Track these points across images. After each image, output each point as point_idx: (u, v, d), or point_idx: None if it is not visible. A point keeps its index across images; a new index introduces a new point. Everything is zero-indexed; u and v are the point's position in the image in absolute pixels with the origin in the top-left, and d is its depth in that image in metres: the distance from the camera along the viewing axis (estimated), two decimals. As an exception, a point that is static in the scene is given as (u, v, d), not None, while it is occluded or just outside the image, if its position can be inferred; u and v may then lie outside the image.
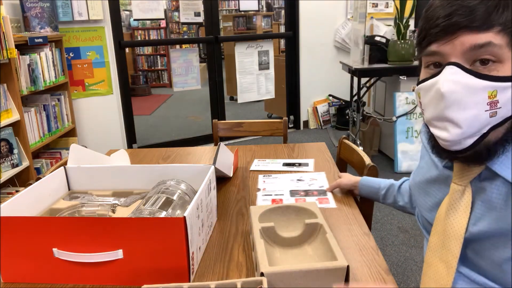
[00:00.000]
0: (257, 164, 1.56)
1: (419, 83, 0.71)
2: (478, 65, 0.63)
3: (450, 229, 0.73)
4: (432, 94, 0.66)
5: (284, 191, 1.31)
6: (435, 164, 0.81)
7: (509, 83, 0.62)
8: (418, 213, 0.90)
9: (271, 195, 1.29)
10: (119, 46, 3.59)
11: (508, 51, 0.62)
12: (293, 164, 1.54)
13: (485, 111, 0.62)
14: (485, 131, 0.63)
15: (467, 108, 0.62)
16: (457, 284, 0.74)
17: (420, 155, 0.92)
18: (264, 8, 8.87)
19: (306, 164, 1.53)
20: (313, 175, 1.43)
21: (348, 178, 1.27)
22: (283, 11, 7.44)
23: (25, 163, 2.52)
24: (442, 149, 0.68)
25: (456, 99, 0.62)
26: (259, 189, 1.33)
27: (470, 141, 0.64)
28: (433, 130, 0.68)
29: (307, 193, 1.29)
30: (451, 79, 0.63)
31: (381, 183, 1.19)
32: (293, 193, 1.29)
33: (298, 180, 1.39)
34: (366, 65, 3.34)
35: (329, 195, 1.27)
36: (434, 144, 0.71)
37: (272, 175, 1.45)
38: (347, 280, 0.79)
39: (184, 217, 0.82)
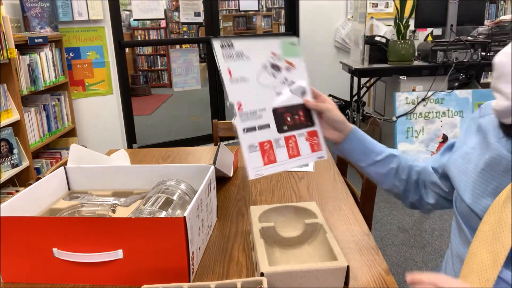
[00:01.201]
0: None
1: None
2: None
3: (506, 218, 0.67)
4: (493, 67, 0.67)
5: (267, 110, 0.91)
6: (498, 148, 0.74)
7: None
8: (457, 199, 0.83)
9: (254, 128, 0.91)
10: (119, 46, 3.59)
11: None
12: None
13: None
14: None
15: None
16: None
17: (462, 140, 0.85)
18: (264, 8, 8.88)
19: (306, 164, 1.53)
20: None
21: (337, 112, 0.96)
22: (283, 11, 7.43)
23: (25, 163, 2.52)
24: (502, 123, 0.68)
25: (503, 71, 0.62)
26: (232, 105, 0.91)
27: None
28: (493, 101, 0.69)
29: (294, 120, 0.94)
30: (506, 51, 0.63)
31: (377, 144, 0.98)
32: (278, 117, 0.93)
33: (272, 67, 0.94)
34: (366, 65, 3.34)
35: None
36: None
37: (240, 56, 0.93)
38: (347, 280, 0.79)
39: (184, 217, 0.82)
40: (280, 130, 0.90)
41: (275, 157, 0.86)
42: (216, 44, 0.80)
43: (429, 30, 3.73)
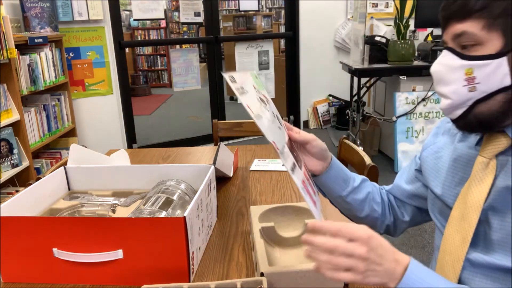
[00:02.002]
0: (257, 164, 1.56)
1: None
2: (464, 49, 0.72)
3: (471, 199, 0.74)
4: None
5: (286, 147, 0.82)
6: (461, 145, 0.83)
7: (484, 61, 0.69)
8: (430, 197, 0.89)
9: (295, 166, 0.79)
10: (119, 46, 3.59)
11: (485, 33, 0.69)
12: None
13: (463, 86, 0.71)
14: (470, 104, 0.71)
15: (448, 84, 0.73)
16: (465, 271, 0.75)
17: (431, 140, 0.92)
18: (264, 8, 8.88)
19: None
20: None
21: (320, 141, 0.90)
22: (283, 11, 7.43)
23: (25, 163, 2.52)
24: (454, 122, 0.76)
25: (438, 76, 0.74)
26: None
27: (459, 112, 0.73)
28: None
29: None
30: (439, 61, 0.74)
31: (349, 172, 0.97)
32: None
33: (262, 101, 0.86)
34: (366, 65, 3.34)
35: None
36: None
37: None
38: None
39: (184, 217, 0.82)
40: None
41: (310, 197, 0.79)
42: (227, 78, 0.78)
43: (429, 30, 3.73)
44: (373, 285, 0.65)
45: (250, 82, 0.84)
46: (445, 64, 0.73)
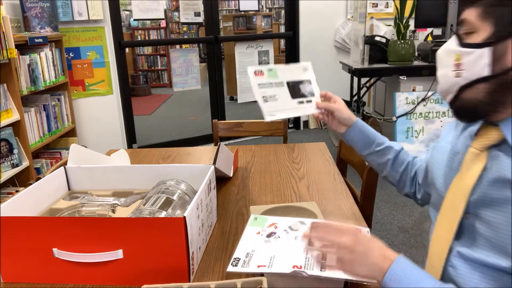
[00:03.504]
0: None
1: None
2: (465, 36, 0.75)
3: (460, 188, 0.76)
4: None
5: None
6: (463, 140, 0.83)
7: (468, 49, 0.72)
8: (432, 191, 0.90)
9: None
10: (119, 46, 3.59)
11: (479, 21, 0.71)
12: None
13: (452, 71, 0.74)
14: (456, 89, 0.74)
15: (442, 67, 0.77)
16: (451, 263, 0.76)
17: (443, 136, 0.93)
18: (264, 8, 8.87)
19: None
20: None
21: (345, 111, 1.07)
22: (283, 11, 7.43)
23: (25, 163, 2.52)
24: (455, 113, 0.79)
25: (437, 59, 0.79)
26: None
27: (450, 97, 0.77)
28: None
29: None
30: (444, 45, 0.78)
31: (379, 136, 1.09)
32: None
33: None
34: (366, 65, 3.34)
35: None
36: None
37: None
38: (347, 281, 0.79)
39: (184, 217, 0.82)
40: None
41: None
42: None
43: (429, 30, 3.73)
44: (362, 277, 0.71)
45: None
46: (445, 48, 0.78)
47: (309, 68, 1.12)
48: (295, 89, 1.08)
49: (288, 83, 1.07)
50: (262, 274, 0.77)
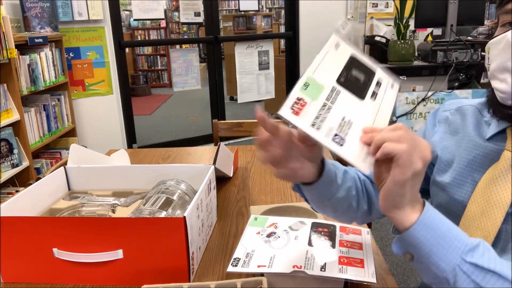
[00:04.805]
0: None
1: (491, 39, 0.73)
2: None
3: (495, 196, 0.70)
4: (501, 46, 0.68)
5: None
6: (473, 142, 0.77)
7: None
8: (435, 192, 0.84)
9: None
10: (119, 46, 3.59)
11: None
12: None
13: None
14: None
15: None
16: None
17: (430, 131, 0.86)
18: (264, 8, 8.87)
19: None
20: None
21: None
22: (283, 11, 7.43)
23: (25, 163, 2.52)
24: (499, 105, 0.69)
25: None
26: None
27: None
28: (494, 83, 0.70)
29: None
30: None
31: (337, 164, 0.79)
32: None
33: None
34: (366, 65, 3.33)
35: None
36: (491, 102, 0.73)
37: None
38: (347, 281, 0.79)
39: (184, 217, 0.81)
40: None
41: None
42: None
43: (429, 30, 3.73)
44: (414, 171, 0.56)
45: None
46: None
47: (341, 43, 0.70)
48: (355, 82, 0.64)
49: (340, 80, 0.62)
50: (262, 274, 0.77)
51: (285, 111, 0.56)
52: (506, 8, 0.69)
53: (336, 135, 0.58)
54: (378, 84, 0.67)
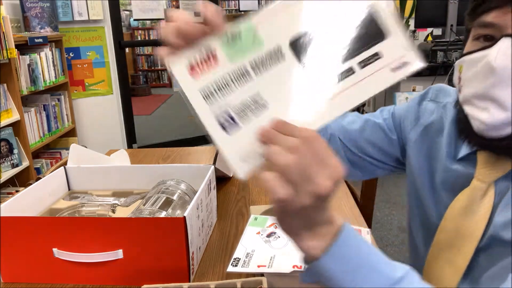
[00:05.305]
0: None
1: (463, 55, 0.63)
2: None
3: (465, 229, 0.65)
4: (479, 69, 0.57)
5: None
6: (441, 159, 0.72)
7: None
8: (410, 183, 0.82)
9: None
10: (119, 46, 3.59)
11: None
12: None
13: None
14: None
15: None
16: None
17: (413, 120, 0.82)
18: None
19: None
20: None
21: None
22: (283, 11, 7.41)
23: (25, 163, 2.52)
24: (474, 134, 0.60)
25: (509, 76, 0.53)
26: None
27: (510, 130, 0.56)
28: (470, 110, 0.60)
29: None
30: (508, 53, 0.53)
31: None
32: None
33: None
34: (366, 65, 3.34)
35: None
36: (464, 127, 0.63)
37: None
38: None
39: (184, 217, 0.81)
40: None
41: None
42: None
43: (429, 30, 3.73)
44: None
45: None
46: None
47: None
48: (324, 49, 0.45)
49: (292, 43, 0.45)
50: (262, 274, 0.77)
51: (178, 65, 0.38)
52: (483, 20, 0.58)
53: (230, 116, 0.41)
54: (374, 57, 0.45)
